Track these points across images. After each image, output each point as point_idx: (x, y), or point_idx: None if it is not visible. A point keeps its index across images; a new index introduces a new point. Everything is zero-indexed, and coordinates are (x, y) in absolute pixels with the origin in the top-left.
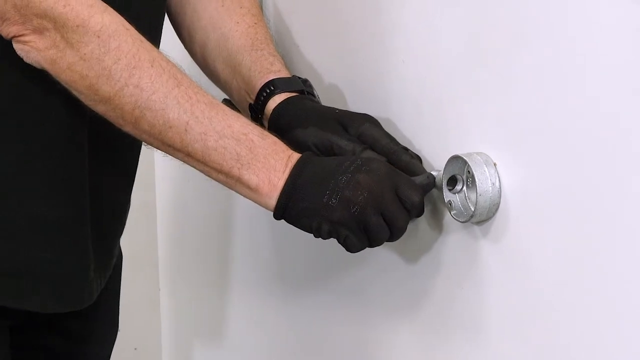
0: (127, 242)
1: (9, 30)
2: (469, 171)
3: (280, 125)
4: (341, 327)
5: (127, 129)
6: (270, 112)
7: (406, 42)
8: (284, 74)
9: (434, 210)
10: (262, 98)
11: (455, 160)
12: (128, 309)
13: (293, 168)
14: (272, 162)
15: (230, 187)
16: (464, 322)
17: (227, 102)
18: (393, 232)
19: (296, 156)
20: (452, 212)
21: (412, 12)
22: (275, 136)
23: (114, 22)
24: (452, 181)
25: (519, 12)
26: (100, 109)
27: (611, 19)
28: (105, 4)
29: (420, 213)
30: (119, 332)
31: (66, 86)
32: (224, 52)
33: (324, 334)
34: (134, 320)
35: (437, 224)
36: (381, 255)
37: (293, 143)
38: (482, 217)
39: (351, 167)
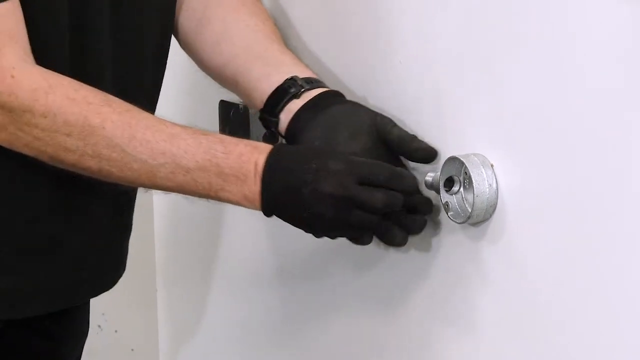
0: None
1: None
2: (466, 172)
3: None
4: (338, 328)
5: (104, 180)
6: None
7: (403, 43)
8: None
9: None
10: (307, 85)
11: (453, 161)
12: (125, 309)
13: (262, 179)
14: (242, 179)
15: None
16: (461, 323)
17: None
18: (378, 214)
19: (262, 162)
20: (449, 214)
21: (409, 12)
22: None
23: (57, 98)
24: (449, 182)
25: (517, 13)
26: (72, 170)
27: (610, 19)
28: (50, 81)
29: (404, 182)
30: (115, 333)
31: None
32: (250, 37)
33: (321, 335)
34: (131, 321)
35: (434, 225)
36: (377, 256)
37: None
38: (479, 219)
39: (311, 175)
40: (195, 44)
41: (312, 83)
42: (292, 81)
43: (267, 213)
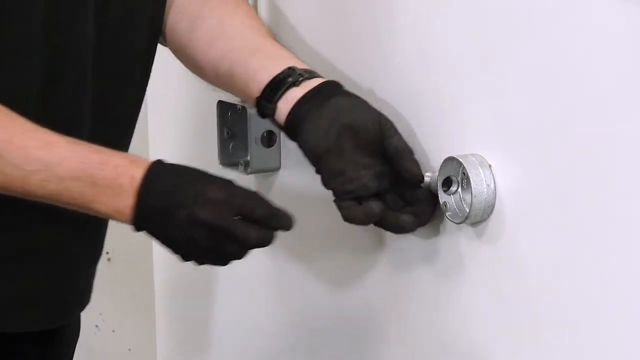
0: (123, 242)
1: None
2: (464, 172)
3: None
4: (334, 330)
5: None
6: (314, 87)
7: (402, 43)
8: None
9: None
10: (306, 74)
11: (451, 161)
12: (123, 309)
13: (137, 194)
14: (116, 191)
15: None
16: (458, 324)
17: (222, 104)
18: (248, 249)
19: (138, 176)
20: (447, 214)
21: (409, 12)
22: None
23: None
24: (447, 182)
25: (516, 13)
26: None
27: (609, 19)
28: None
29: (280, 222)
30: (113, 333)
31: None
32: (242, 33)
33: (318, 337)
34: (129, 321)
35: (432, 225)
36: (373, 256)
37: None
38: (477, 219)
39: (190, 200)
40: (188, 43)
41: (310, 73)
42: (290, 70)
43: (137, 228)
